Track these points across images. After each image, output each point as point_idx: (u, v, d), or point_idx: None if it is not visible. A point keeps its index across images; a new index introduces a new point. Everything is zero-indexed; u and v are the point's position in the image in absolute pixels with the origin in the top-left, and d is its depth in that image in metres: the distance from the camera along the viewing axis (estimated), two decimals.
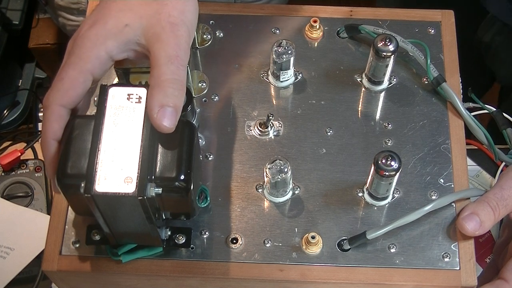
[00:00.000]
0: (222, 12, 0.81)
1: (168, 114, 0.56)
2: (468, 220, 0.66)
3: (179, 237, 0.66)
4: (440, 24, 0.80)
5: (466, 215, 0.66)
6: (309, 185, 0.70)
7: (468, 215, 0.66)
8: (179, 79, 0.58)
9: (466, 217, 0.66)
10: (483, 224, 0.66)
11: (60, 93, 0.59)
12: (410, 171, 0.71)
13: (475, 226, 0.66)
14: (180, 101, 0.58)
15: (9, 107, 1.43)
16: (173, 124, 0.57)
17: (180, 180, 0.58)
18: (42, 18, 1.54)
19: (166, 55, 0.58)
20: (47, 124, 0.59)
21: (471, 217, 0.66)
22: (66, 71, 0.59)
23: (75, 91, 0.59)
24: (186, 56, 0.60)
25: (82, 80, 0.59)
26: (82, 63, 0.59)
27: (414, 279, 0.66)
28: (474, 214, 0.66)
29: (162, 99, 0.57)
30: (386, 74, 0.74)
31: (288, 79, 0.75)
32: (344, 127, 0.74)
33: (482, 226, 0.66)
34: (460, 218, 0.67)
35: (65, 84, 0.59)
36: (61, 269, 0.66)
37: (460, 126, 0.73)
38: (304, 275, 0.66)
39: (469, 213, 0.66)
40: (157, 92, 0.57)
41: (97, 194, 0.55)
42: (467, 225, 0.66)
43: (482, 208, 0.67)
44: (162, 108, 0.56)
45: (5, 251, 0.91)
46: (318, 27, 0.78)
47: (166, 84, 0.57)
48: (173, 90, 0.57)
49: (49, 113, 0.59)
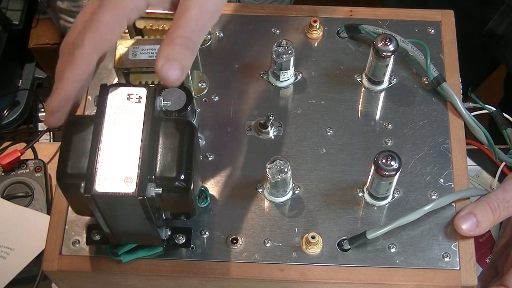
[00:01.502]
0: (222, 12, 0.80)
1: (174, 67, 0.55)
2: (464, 220, 0.66)
3: (179, 237, 0.66)
4: (440, 24, 0.80)
5: (463, 214, 0.66)
6: (309, 185, 0.70)
7: (465, 215, 0.66)
8: (192, 41, 0.57)
9: (462, 217, 0.66)
10: (480, 225, 0.66)
11: (95, 37, 0.56)
12: (410, 171, 0.71)
13: (471, 226, 0.66)
14: (188, 61, 0.57)
15: (9, 107, 1.43)
16: (177, 77, 0.56)
17: (180, 180, 0.58)
18: (42, 18, 1.54)
19: (188, 14, 0.57)
20: (76, 65, 0.56)
21: (467, 217, 0.66)
22: (102, 15, 0.56)
23: (110, 36, 0.57)
24: (210, 20, 0.59)
25: (118, 26, 0.57)
26: (120, 7, 0.56)
27: (414, 279, 0.66)
28: (472, 214, 0.66)
29: (169, 54, 0.56)
30: (386, 74, 0.74)
31: (288, 79, 0.76)
32: (344, 127, 0.74)
33: (478, 227, 0.66)
34: (457, 218, 0.67)
35: (101, 27, 0.56)
36: (61, 269, 0.66)
37: (460, 126, 0.73)
38: (304, 275, 0.66)
39: (466, 212, 0.66)
40: (166, 47, 0.56)
41: (97, 194, 0.55)
42: (462, 224, 0.66)
43: (481, 209, 0.66)
44: (167, 61, 0.55)
45: (5, 251, 0.91)
46: (318, 27, 0.78)
47: (177, 41, 0.56)
48: (182, 48, 0.56)
49: (80, 54, 0.56)
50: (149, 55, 0.69)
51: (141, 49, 0.69)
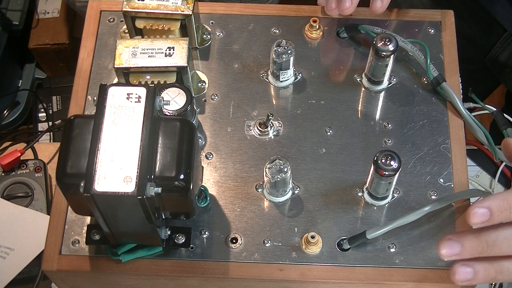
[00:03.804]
0: (222, 12, 0.81)
1: None
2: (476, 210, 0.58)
3: (179, 237, 0.66)
4: (440, 24, 0.80)
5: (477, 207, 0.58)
6: (308, 185, 0.70)
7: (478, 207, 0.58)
8: None
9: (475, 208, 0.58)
10: (493, 216, 0.58)
11: None
12: (410, 171, 0.71)
13: (483, 217, 0.58)
14: None
15: (9, 108, 1.43)
16: None
17: (180, 180, 0.58)
18: (42, 19, 1.54)
19: None
20: None
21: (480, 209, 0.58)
22: None
23: None
24: None
25: None
26: None
27: (414, 278, 0.66)
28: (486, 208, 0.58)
29: None
30: (386, 74, 0.74)
31: (288, 79, 0.76)
32: (344, 127, 0.74)
33: (491, 217, 0.58)
34: (471, 208, 0.58)
35: None
36: (61, 269, 0.66)
37: (460, 126, 0.74)
38: (303, 275, 0.66)
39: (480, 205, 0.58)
40: None
41: (96, 194, 0.55)
42: (474, 218, 0.58)
43: (494, 200, 0.58)
44: None
45: (5, 251, 0.91)
46: (318, 27, 0.78)
47: None
48: None
49: None
50: (149, 55, 0.69)
51: (141, 49, 0.70)
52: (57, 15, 1.54)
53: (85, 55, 0.77)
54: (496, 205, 0.57)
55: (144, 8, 0.72)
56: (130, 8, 0.72)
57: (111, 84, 0.60)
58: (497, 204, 0.57)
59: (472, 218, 0.57)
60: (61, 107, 1.42)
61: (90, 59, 0.77)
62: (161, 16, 0.72)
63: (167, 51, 0.69)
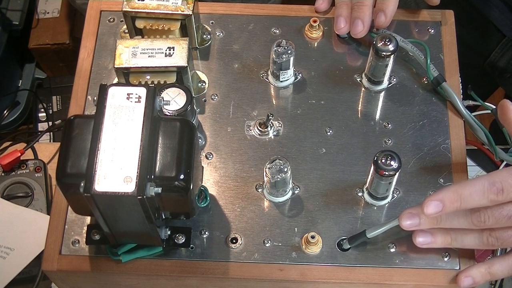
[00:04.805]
0: (222, 12, 0.81)
1: None
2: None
3: (179, 237, 0.66)
4: (440, 24, 0.80)
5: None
6: (308, 185, 0.70)
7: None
8: None
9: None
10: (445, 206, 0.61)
11: None
12: (410, 171, 0.71)
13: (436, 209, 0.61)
14: None
15: (9, 108, 1.43)
16: None
17: (180, 180, 0.58)
18: (42, 18, 1.54)
19: None
20: None
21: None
22: None
23: None
24: None
25: None
26: None
27: (414, 278, 0.66)
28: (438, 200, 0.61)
29: None
30: (386, 74, 0.74)
31: (288, 79, 0.76)
32: (344, 127, 0.74)
33: (444, 208, 0.61)
34: (426, 200, 0.61)
35: None
36: (61, 269, 0.66)
37: (460, 125, 0.74)
38: (303, 275, 0.66)
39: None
40: None
41: (96, 194, 0.55)
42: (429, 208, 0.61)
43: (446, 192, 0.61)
44: None
45: (5, 251, 0.91)
46: (318, 27, 0.78)
47: None
48: None
49: None
50: (149, 55, 0.69)
51: (141, 49, 0.70)
52: (57, 15, 1.54)
53: (85, 55, 0.77)
54: (448, 197, 0.60)
55: (144, 8, 0.72)
56: (130, 8, 0.72)
57: (111, 84, 0.60)
58: (448, 196, 0.60)
59: (426, 209, 0.60)
60: (61, 107, 1.42)
61: (90, 59, 0.77)
62: (161, 16, 0.72)
63: (167, 51, 0.69)
